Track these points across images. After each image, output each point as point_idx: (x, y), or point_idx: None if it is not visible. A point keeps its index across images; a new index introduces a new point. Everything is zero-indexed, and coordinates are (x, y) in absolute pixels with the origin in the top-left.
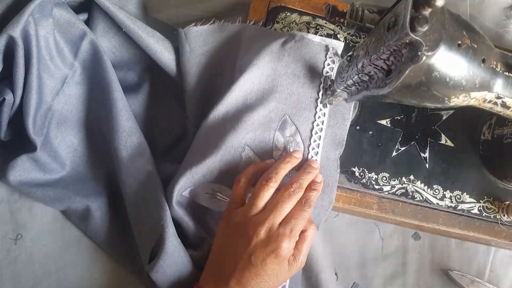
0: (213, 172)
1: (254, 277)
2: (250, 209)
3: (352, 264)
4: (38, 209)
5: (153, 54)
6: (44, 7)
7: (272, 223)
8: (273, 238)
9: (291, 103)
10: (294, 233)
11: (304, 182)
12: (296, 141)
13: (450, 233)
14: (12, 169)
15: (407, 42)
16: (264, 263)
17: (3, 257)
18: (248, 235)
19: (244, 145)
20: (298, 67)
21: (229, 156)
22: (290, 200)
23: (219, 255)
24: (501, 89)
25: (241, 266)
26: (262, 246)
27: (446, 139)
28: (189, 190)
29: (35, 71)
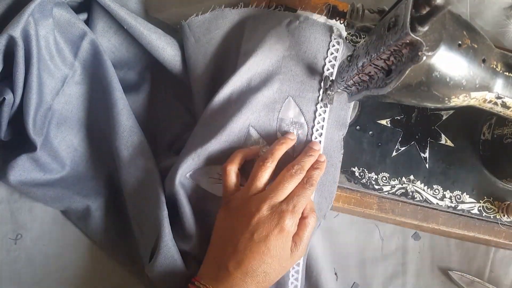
0: (218, 153)
1: (256, 257)
2: (249, 189)
3: (352, 264)
4: (38, 209)
5: (155, 50)
6: (44, 7)
7: (274, 200)
8: (276, 214)
9: (294, 85)
10: (296, 209)
11: (306, 164)
12: (300, 122)
13: (450, 233)
14: (12, 169)
15: (407, 42)
16: (268, 239)
17: (3, 257)
18: (250, 212)
19: (249, 126)
20: (302, 49)
21: (234, 137)
22: (291, 180)
23: (219, 242)
24: (501, 89)
25: (242, 246)
26: (265, 222)
27: (446, 139)
28: (192, 173)
29: (35, 71)
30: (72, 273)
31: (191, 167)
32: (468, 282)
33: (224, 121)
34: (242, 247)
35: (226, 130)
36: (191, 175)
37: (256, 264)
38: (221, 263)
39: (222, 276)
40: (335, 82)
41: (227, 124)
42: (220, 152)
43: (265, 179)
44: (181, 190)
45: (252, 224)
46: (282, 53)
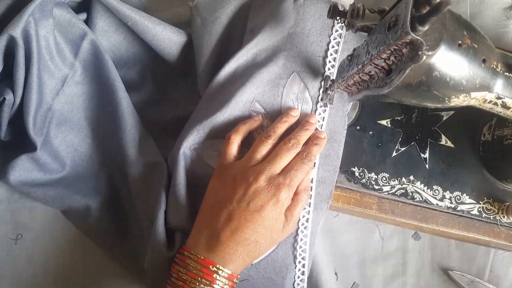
0: (222, 126)
1: (250, 227)
2: (248, 161)
3: (352, 264)
4: (38, 209)
5: (162, 41)
6: (44, 7)
7: (271, 172)
8: (273, 186)
9: (300, 61)
10: (293, 183)
11: (302, 138)
12: (305, 97)
13: (449, 234)
14: (12, 169)
15: (407, 41)
16: (263, 209)
17: (3, 257)
18: (247, 182)
19: (253, 100)
20: (307, 26)
21: (238, 111)
22: (288, 153)
23: (211, 210)
24: (501, 90)
25: (237, 215)
26: (262, 192)
27: (446, 140)
28: (197, 146)
29: (35, 71)
30: (72, 273)
31: (196, 140)
32: (468, 282)
33: (229, 95)
34: (237, 216)
35: (231, 104)
36: (195, 148)
37: (249, 233)
38: (213, 231)
39: (214, 245)
40: (335, 82)
41: (232, 98)
42: (224, 126)
43: (264, 153)
44: (182, 162)
45: (248, 193)
46: (287, 30)
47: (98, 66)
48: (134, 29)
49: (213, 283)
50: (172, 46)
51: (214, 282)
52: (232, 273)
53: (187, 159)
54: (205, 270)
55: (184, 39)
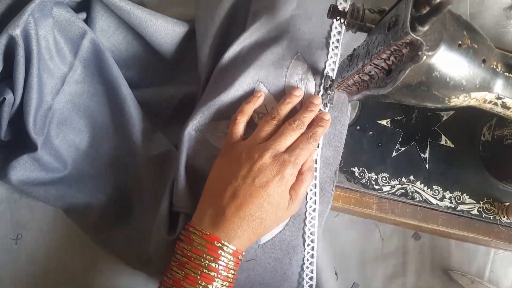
0: (227, 107)
1: (255, 202)
2: (253, 140)
3: (352, 264)
4: (38, 209)
5: (165, 33)
6: (44, 7)
7: (277, 149)
8: (278, 162)
9: (303, 42)
10: (298, 161)
11: (306, 119)
12: (308, 78)
13: (449, 234)
14: (13, 168)
15: (407, 41)
16: (268, 185)
17: (3, 257)
18: (253, 159)
19: (257, 81)
20: (309, 7)
21: (243, 92)
22: (293, 133)
23: (216, 187)
24: (501, 90)
25: (242, 191)
26: (267, 168)
27: (446, 140)
28: (202, 127)
29: (35, 71)
30: (72, 273)
31: (201, 121)
32: (468, 282)
33: (233, 77)
34: (242, 192)
35: (235, 85)
36: (200, 130)
37: (254, 208)
38: (218, 208)
39: (219, 221)
40: (335, 82)
41: (236, 79)
42: (229, 107)
43: (269, 132)
44: (186, 143)
45: (254, 169)
46: (290, 12)
47: (99, 64)
48: (135, 23)
49: (218, 259)
50: (175, 36)
51: (219, 258)
52: (237, 249)
53: (191, 141)
54: (210, 246)
55: (186, 29)
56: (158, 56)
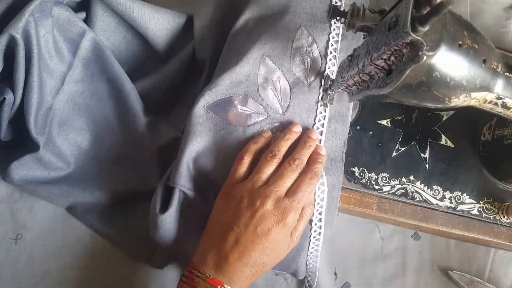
0: (235, 83)
1: (257, 249)
2: (254, 182)
3: (352, 264)
4: (38, 209)
5: (167, 24)
6: (44, 7)
7: (278, 195)
8: (280, 209)
9: (306, 16)
10: (299, 205)
11: (305, 156)
12: (313, 51)
13: (449, 234)
14: (16, 168)
15: (408, 41)
16: (270, 233)
17: (3, 257)
18: (254, 206)
19: (263, 56)
20: None
21: (249, 67)
22: (293, 173)
23: (218, 231)
24: (502, 90)
25: (245, 239)
26: (269, 216)
27: (446, 140)
28: (210, 104)
29: (35, 71)
30: (72, 273)
31: (209, 100)
32: (468, 282)
33: (239, 53)
34: (244, 239)
35: (242, 62)
36: (209, 107)
37: (256, 255)
38: (221, 253)
39: (222, 266)
40: (336, 82)
41: (243, 55)
42: (237, 83)
43: (270, 173)
44: (195, 120)
45: (255, 217)
46: None
47: (99, 63)
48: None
49: None
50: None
51: None
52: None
53: (201, 118)
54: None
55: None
56: (159, 55)
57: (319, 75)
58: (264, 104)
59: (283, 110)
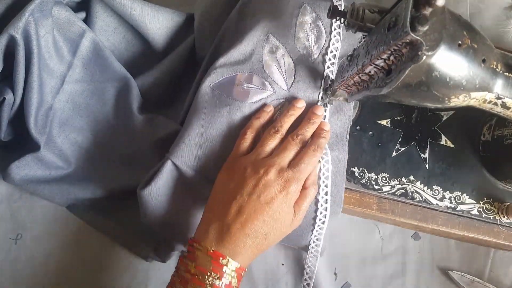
0: (239, 61)
1: (260, 218)
2: (257, 154)
3: (352, 264)
4: (38, 209)
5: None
6: (44, 7)
7: (281, 165)
8: (283, 179)
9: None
10: (302, 176)
11: (309, 132)
12: (318, 26)
13: (449, 234)
14: (17, 168)
15: (407, 41)
16: (273, 202)
17: (3, 257)
18: (258, 175)
19: (267, 33)
20: None
21: (253, 45)
22: (295, 147)
23: (220, 202)
24: (501, 90)
25: (248, 207)
26: (272, 185)
27: (446, 140)
28: (216, 83)
29: (36, 71)
30: (72, 273)
31: (215, 79)
32: (468, 282)
33: (243, 31)
34: (247, 208)
35: (246, 39)
36: (215, 86)
37: (259, 225)
38: (223, 224)
39: (223, 237)
40: (335, 82)
41: (247, 33)
42: (242, 61)
43: (273, 146)
44: (201, 99)
45: (259, 186)
46: None
47: (99, 62)
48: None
49: (222, 276)
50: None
51: (222, 276)
52: (240, 266)
53: (207, 96)
54: (215, 263)
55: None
56: (158, 55)
57: (323, 51)
58: (269, 80)
59: (288, 86)
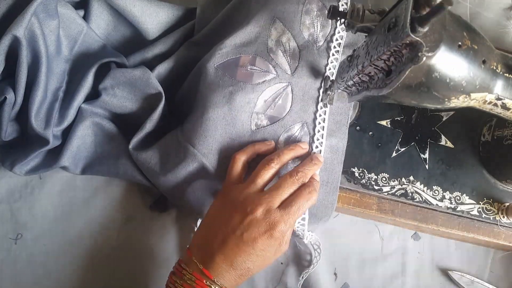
0: (244, 43)
1: (242, 255)
2: (249, 186)
3: (352, 264)
4: (38, 209)
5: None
6: (47, 6)
7: (270, 205)
8: (269, 220)
9: None
10: (292, 220)
11: (309, 172)
12: (324, 15)
13: (449, 234)
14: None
15: (407, 42)
16: (256, 242)
17: (4, 257)
18: (245, 212)
19: (274, 17)
20: None
21: (259, 28)
22: (292, 186)
23: (210, 227)
24: (501, 91)
25: (231, 242)
26: (257, 225)
27: (446, 140)
28: (221, 64)
29: (44, 70)
30: (72, 273)
31: (220, 59)
32: (468, 282)
33: (250, 13)
34: (230, 243)
35: (253, 22)
36: (218, 66)
37: (241, 260)
38: (209, 250)
39: (208, 262)
40: (335, 82)
41: (254, 15)
42: (247, 43)
43: (267, 179)
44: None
45: (244, 223)
46: None
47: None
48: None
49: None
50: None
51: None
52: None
53: (211, 76)
54: (199, 283)
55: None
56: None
57: (328, 39)
58: (273, 63)
59: (291, 71)
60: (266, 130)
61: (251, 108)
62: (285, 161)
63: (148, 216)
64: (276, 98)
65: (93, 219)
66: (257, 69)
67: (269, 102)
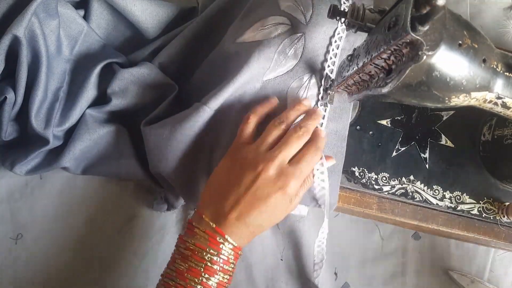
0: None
1: (255, 212)
2: (260, 145)
3: (352, 264)
4: (38, 209)
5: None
6: (48, 6)
7: (281, 161)
8: (283, 176)
9: None
10: (302, 175)
11: (311, 127)
12: None
13: (449, 234)
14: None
15: (407, 41)
16: (269, 198)
17: (4, 257)
18: (257, 169)
19: None
20: None
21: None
22: (298, 141)
23: (220, 188)
24: (502, 90)
25: (244, 200)
26: (270, 182)
27: (446, 140)
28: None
29: (44, 69)
30: (72, 273)
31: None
32: (468, 282)
33: None
34: (244, 201)
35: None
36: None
37: (254, 217)
38: (220, 210)
39: (220, 222)
40: (335, 81)
41: None
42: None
43: (276, 138)
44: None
45: (257, 181)
46: None
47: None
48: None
49: (220, 253)
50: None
51: (220, 252)
52: (237, 246)
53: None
54: (212, 240)
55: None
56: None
57: None
58: (286, 14)
59: (306, 20)
60: (276, 81)
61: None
62: (293, 119)
63: (148, 216)
64: (287, 48)
65: (93, 219)
66: (271, 25)
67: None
